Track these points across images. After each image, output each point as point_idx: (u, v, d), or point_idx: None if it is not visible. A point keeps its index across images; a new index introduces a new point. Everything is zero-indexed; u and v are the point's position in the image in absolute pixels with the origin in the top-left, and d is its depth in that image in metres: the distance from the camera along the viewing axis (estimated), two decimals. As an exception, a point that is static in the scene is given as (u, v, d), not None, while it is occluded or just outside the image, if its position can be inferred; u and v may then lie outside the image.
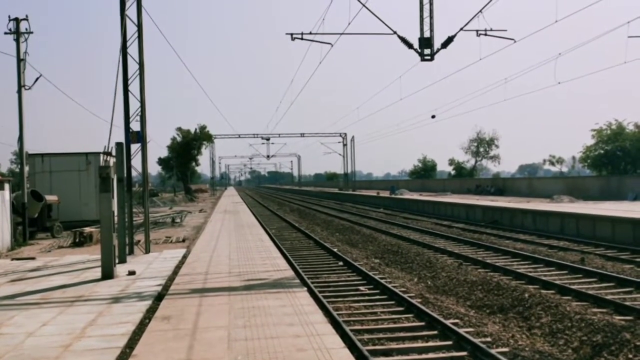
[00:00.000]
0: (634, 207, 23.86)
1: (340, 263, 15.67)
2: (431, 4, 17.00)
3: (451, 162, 78.03)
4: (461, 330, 8.32)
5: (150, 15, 28.70)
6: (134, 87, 16.60)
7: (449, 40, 16.60)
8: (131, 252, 16.21)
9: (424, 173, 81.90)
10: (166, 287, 11.17)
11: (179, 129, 77.88)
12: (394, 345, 8.11)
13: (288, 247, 19.09)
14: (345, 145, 73.99)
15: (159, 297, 10.16)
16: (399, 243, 19.26)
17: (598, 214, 20.87)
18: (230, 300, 9.54)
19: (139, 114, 16.66)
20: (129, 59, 16.49)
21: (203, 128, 76.54)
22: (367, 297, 11.23)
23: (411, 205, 41.15)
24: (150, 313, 8.98)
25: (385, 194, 54.13)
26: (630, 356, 7.20)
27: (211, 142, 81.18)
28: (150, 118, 18.53)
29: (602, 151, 48.15)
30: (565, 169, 72.78)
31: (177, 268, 13.63)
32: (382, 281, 12.22)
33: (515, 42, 19.46)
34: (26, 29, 22.19)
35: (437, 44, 16.78)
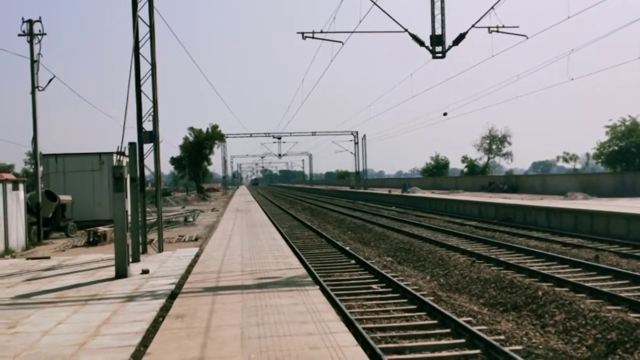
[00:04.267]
0: (649, 204, 23.61)
1: (353, 261, 15.66)
2: (442, 1, 16.95)
3: (464, 159, 77.74)
4: (474, 328, 8.29)
5: (162, 15, 28.94)
6: (147, 87, 16.72)
7: (461, 37, 16.51)
8: (144, 251, 16.33)
9: (436, 171, 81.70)
10: (179, 285, 11.23)
11: (191, 128, 78.42)
12: (406, 343, 8.10)
13: (300, 246, 19.11)
14: (356, 143, 73.88)
15: (172, 296, 10.23)
16: (411, 241, 19.20)
17: (612, 211, 20.68)
18: (243, 298, 9.58)
19: (152, 114, 16.75)
20: (142, 60, 16.60)
21: (215, 127, 76.90)
22: (379, 295, 11.22)
23: (423, 203, 41.02)
24: (164, 311, 9.04)
25: (397, 192, 54.00)
26: (646, 354, 7.14)
27: (223, 142, 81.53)
28: (163, 118, 18.69)
29: (616, 147, 47.72)
30: (579, 166, 72.16)
31: (190, 267, 13.70)
32: (395, 279, 12.21)
33: (527, 38, 19.36)
34: (39, 31, 22.43)
35: (448, 41, 16.73)
